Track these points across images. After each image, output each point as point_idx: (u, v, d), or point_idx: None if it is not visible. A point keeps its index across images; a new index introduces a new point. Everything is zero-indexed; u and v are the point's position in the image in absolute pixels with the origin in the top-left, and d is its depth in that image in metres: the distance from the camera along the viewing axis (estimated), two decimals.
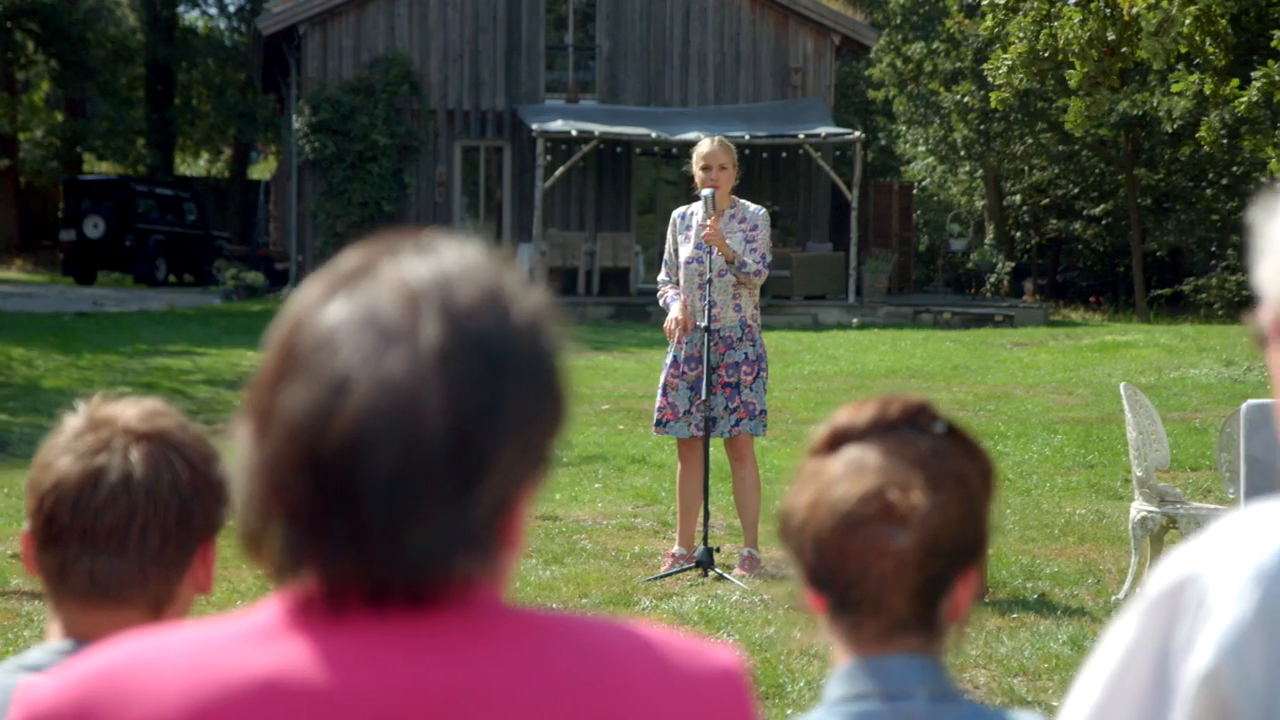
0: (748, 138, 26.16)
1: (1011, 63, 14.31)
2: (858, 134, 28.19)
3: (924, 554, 1.89)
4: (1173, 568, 1.62)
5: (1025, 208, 37.20)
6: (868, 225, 29.91)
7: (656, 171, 31.03)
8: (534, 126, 27.48)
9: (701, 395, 8.01)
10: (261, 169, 52.60)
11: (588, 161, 28.80)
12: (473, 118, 29.75)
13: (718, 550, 8.25)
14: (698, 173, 8.22)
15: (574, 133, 27.25)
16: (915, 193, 35.15)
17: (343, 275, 1.30)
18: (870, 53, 33.95)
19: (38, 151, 44.81)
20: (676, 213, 8.45)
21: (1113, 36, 13.04)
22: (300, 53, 29.60)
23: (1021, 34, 14.02)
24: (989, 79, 15.99)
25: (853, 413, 1.99)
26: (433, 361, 1.23)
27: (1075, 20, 13.15)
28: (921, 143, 36.85)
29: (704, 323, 8.06)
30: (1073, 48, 13.31)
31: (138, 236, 35.37)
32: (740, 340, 8.17)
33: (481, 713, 1.25)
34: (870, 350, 21.46)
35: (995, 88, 15.63)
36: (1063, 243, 38.24)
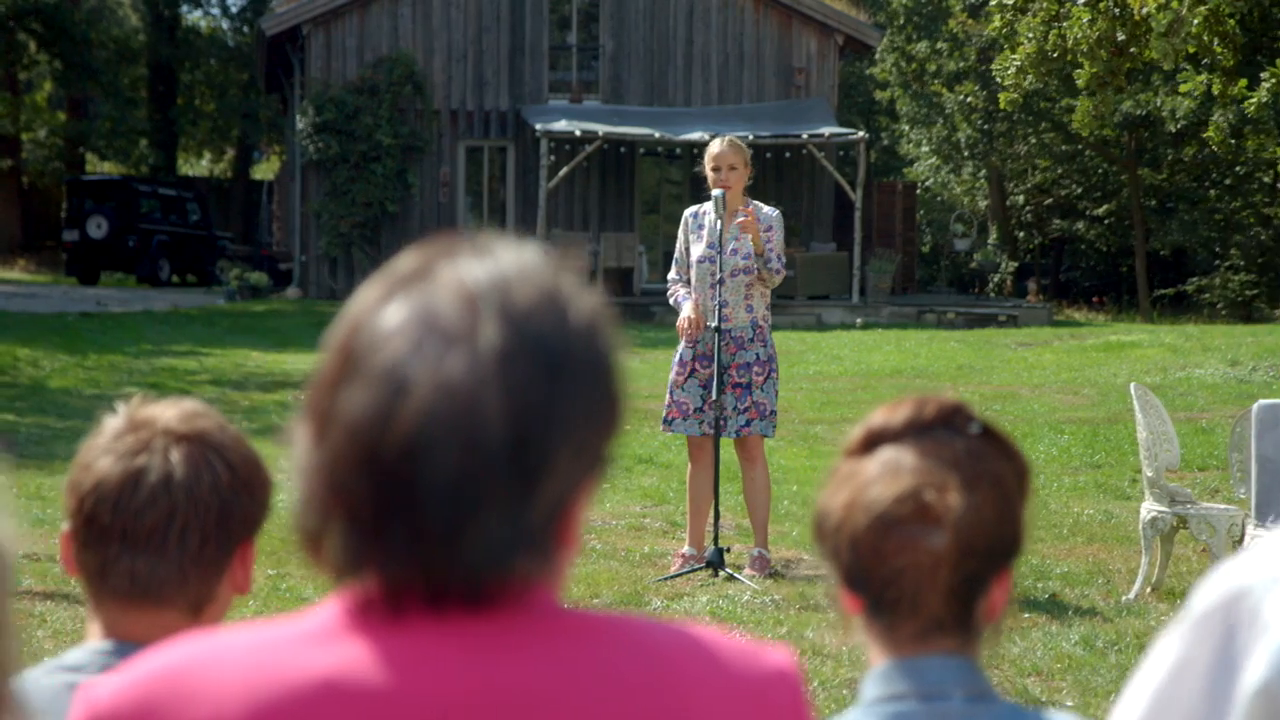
0: (751, 138, 26.16)
1: (1020, 63, 14.31)
2: (861, 134, 28.18)
3: (960, 555, 1.90)
4: (1222, 583, 1.62)
5: (1028, 208, 37.20)
6: (871, 225, 29.91)
7: (660, 172, 31.04)
8: (538, 126, 27.49)
9: (713, 395, 8.02)
10: (264, 169, 52.60)
11: (591, 161, 28.81)
12: (476, 118, 29.76)
13: (728, 550, 8.26)
14: (708, 173, 8.21)
15: (578, 133, 27.26)
16: (919, 193, 35.14)
17: (400, 277, 1.30)
18: (874, 53, 33.95)
19: (40, 152, 44.80)
20: (688, 212, 8.45)
21: (1122, 37, 13.03)
22: (304, 53, 29.62)
23: (1030, 34, 14.00)
24: (997, 80, 15.97)
25: (888, 414, 2.00)
26: (492, 363, 1.24)
27: (1084, 20, 13.13)
28: (925, 143, 36.84)
29: (714, 322, 8.06)
30: (1081, 48, 13.29)
31: (141, 237, 35.36)
32: (752, 341, 8.18)
33: (540, 713, 1.26)
34: (875, 350, 21.45)
35: (999, 87, 15.62)
36: (1065, 243, 38.23)
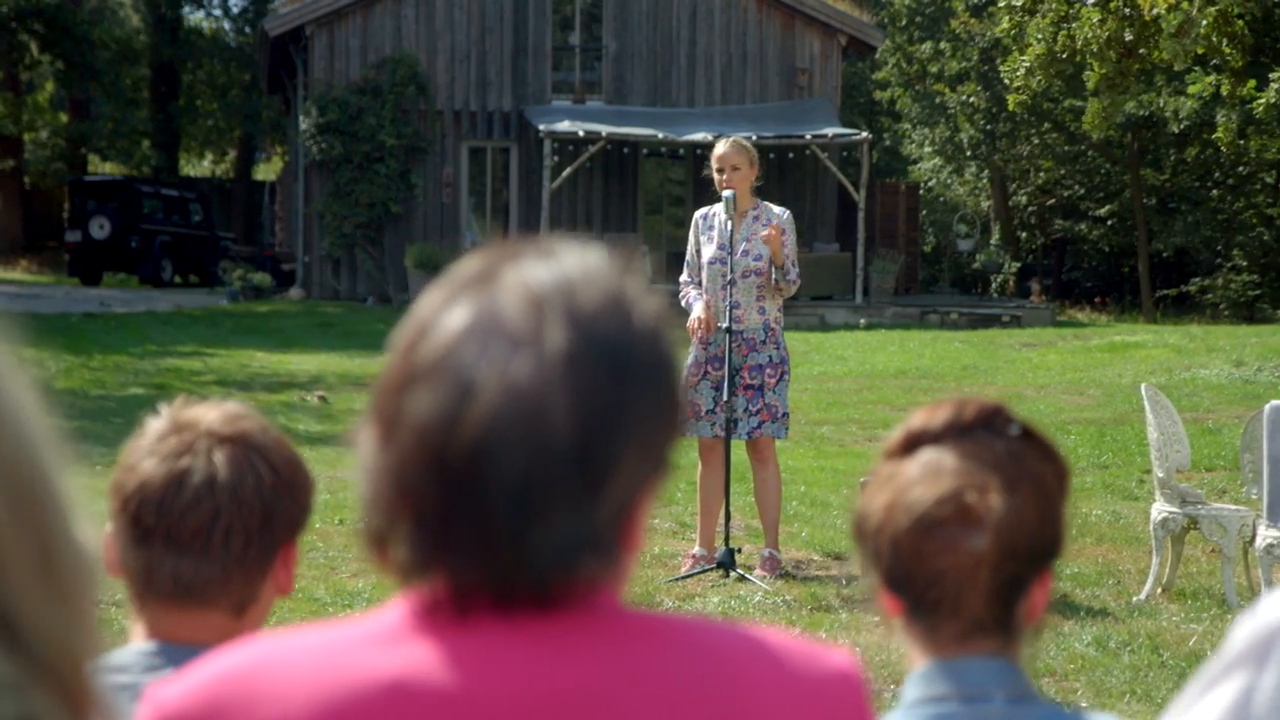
0: (755, 138, 26.13)
1: (1029, 64, 14.32)
2: (865, 134, 28.19)
3: (1001, 556, 1.90)
4: (1266, 615, 1.62)
5: (1031, 208, 37.20)
6: (874, 226, 29.92)
7: (663, 172, 31.04)
8: (541, 127, 27.50)
9: (724, 396, 8.03)
10: (265, 170, 52.62)
11: (594, 162, 28.82)
12: (479, 118, 29.77)
13: (738, 551, 8.26)
14: (714, 174, 8.22)
15: (581, 133, 27.27)
16: (921, 193, 35.15)
17: (465, 280, 1.31)
18: (876, 53, 33.96)
19: (42, 152, 44.81)
20: (698, 214, 8.45)
21: (1131, 37, 13.04)
22: (307, 54, 29.62)
23: (1039, 35, 14.01)
24: (1005, 81, 15.99)
25: (927, 416, 2.00)
26: (558, 366, 1.24)
27: (1094, 21, 13.14)
28: (927, 143, 36.85)
29: (726, 323, 8.06)
30: (1091, 48, 13.31)
31: (143, 237, 35.37)
32: (764, 343, 8.18)
33: (606, 714, 1.26)
34: (879, 351, 21.46)
35: (1002, 88, 15.61)
36: (1067, 243, 38.23)
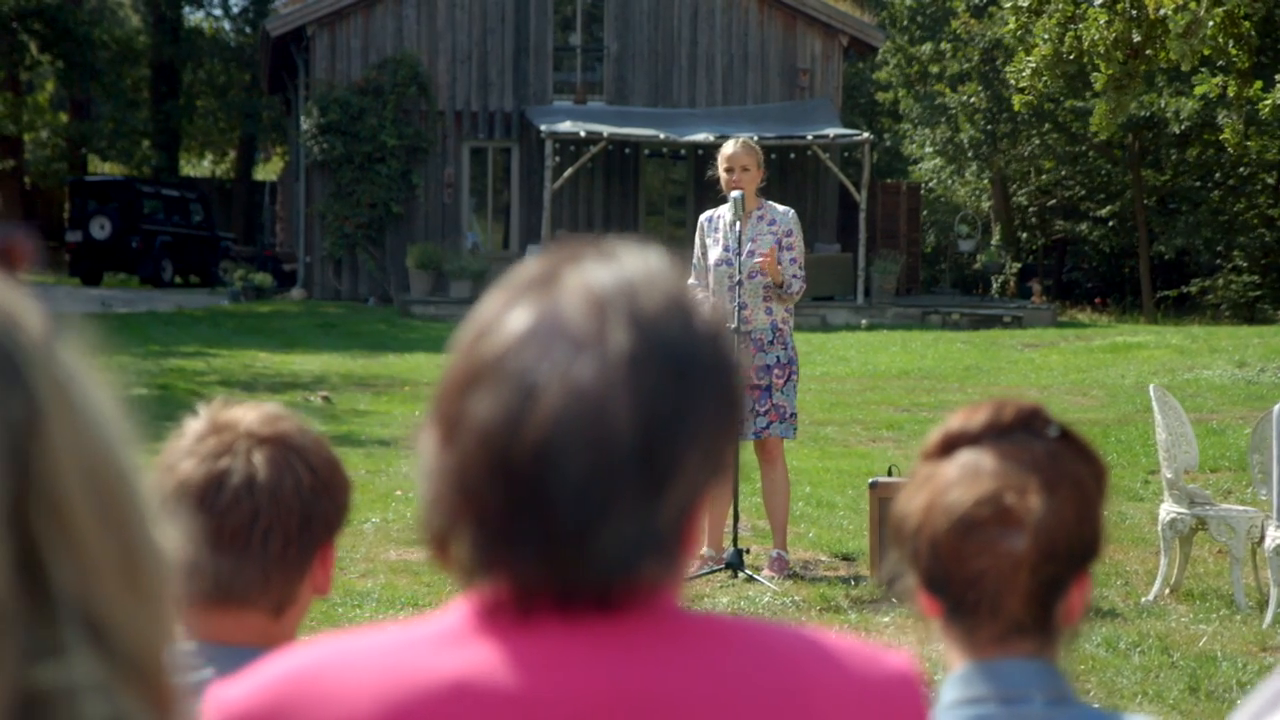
0: (756, 139, 26.13)
1: (1035, 65, 14.32)
2: (867, 135, 28.20)
3: (1040, 557, 1.90)
4: None
5: (1031, 209, 37.22)
6: (875, 226, 29.93)
7: (665, 173, 31.05)
8: (542, 127, 27.51)
9: None
10: (265, 170, 52.62)
11: (596, 163, 28.83)
12: (481, 119, 29.77)
13: (747, 551, 8.26)
14: (721, 174, 8.22)
15: (582, 134, 27.27)
16: (922, 194, 35.17)
17: (526, 283, 1.31)
18: (877, 54, 33.98)
19: (42, 153, 44.81)
20: (703, 216, 8.46)
21: (1138, 38, 13.05)
22: (308, 54, 29.63)
23: (1045, 36, 14.00)
24: (1011, 82, 16.01)
25: (966, 417, 2.01)
26: (621, 368, 1.25)
27: (1100, 22, 13.14)
28: (928, 144, 36.86)
29: (734, 325, 8.07)
30: (1098, 49, 13.31)
31: (144, 238, 35.36)
32: (772, 343, 8.18)
33: (668, 715, 1.27)
34: (881, 351, 21.47)
35: (1004, 88, 15.58)
36: (1068, 244, 38.25)
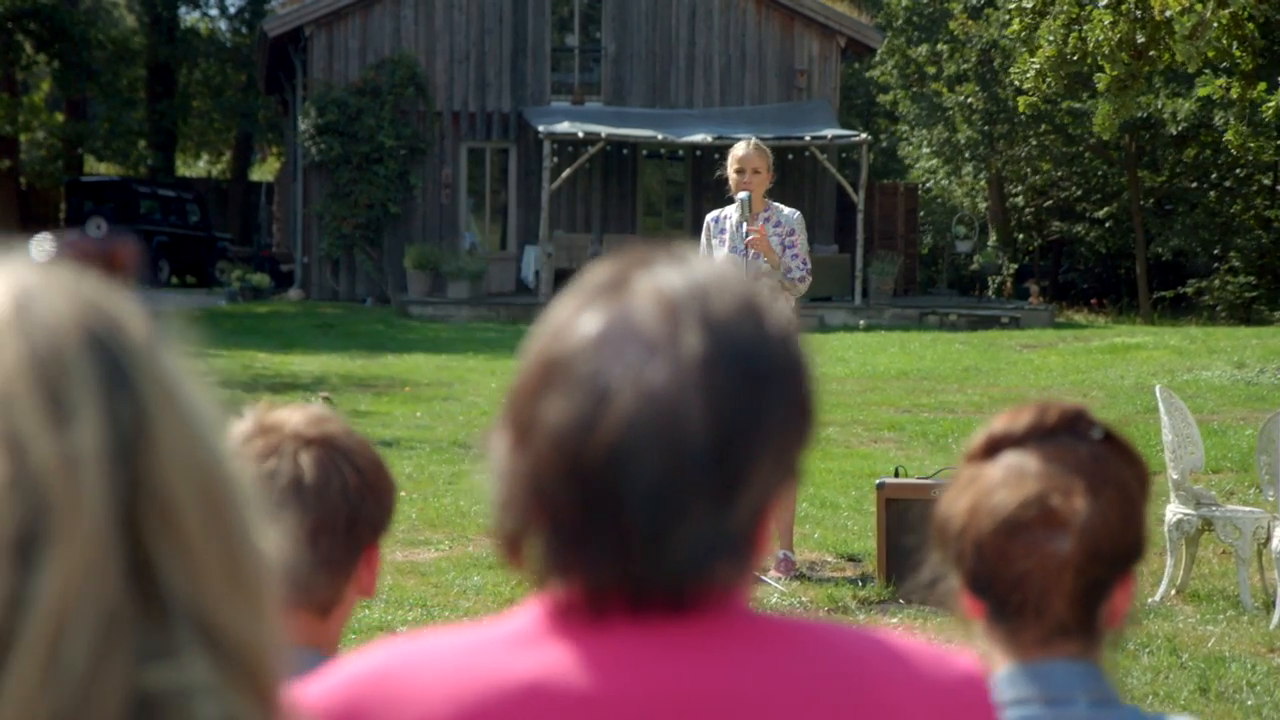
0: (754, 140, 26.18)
1: (1039, 67, 14.34)
2: (864, 136, 28.21)
3: (1085, 559, 1.91)
4: None
5: (1028, 209, 37.24)
6: (873, 227, 29.94)
7: (662, 173, 31.06)
8: (540, 128, 27.51)
9: None
10: (261, 170, 52.58)
11: (593, 163, 28.82)
12: (478, 119, 29.77)
13: None
14: (731, 175, 8.24)
15: (580, 134, 27.28)
16: (920, 194, 35.19)
17: (597, 287, 1.32)
18: (874, 54, 34.00)
19: (38, 153, 44.76)
20: (710, 216, 8.47)
21: (1142, 39, 13.06)
22: (306, 54, 29.62)
23: (1050, 37, 14.02)
24: (1017, 83, 16.03)
25: (1010, 419, 2.02)
26: (694, 371, 1.25)
27: (1105, 23, 13.16)
28: (925, 144, 36.88)
29: None
30: (1103, 50, 13.32)
31: (140, 238, 35.35)
32: None
33: (741, 716, 1.27)
34: (879, 352, 21.48)
35: (1001, 88, 15.58)
36: (1064, 244, 38.28)
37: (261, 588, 0.98)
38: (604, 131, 27.46)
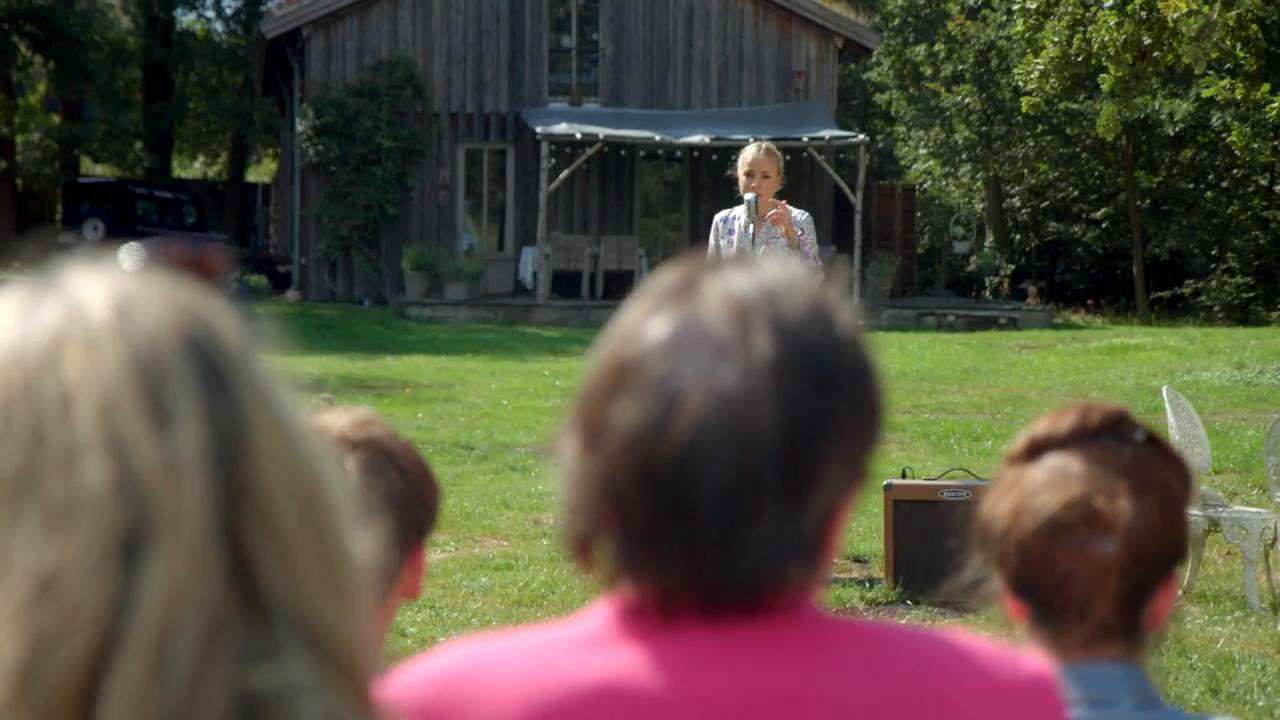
0: (752, 141, 26.19)
1: (1043, 67, 14.35)
2: (862, 137, 28.23)
3: (1129, 561, 1.92)
4: None
5: (1025, 210, 37.27)
6: (870, 228, 29.96)
7: (660, 174, 31.08)
8: (538, 129, 27.51)
9: None
10: (258, 171, 52.56)
11: (591, 164, 28.82)
12: (476, 121, 29.77)
13: None
14: (741, 177, 8.25)
15: (578, 135, 27.28)
16: (918, 195, 35.22)
17: (666, 291, 1.33)
18: (873, 55, 34.02)
19: (34, 154, 44.73)
20: (718, 216, 8.48)
21: (1148, 41, 13.06)
22: (303, 56, 29.61)
23: (1055, 38, 14.01)
24: (1020, 84, 16.04)
25: (1052, 422, 2.02)
26: (765, 374, 1.26)
27: (1110, 24, 13.16)
28: (922, 145, 36.91)
29: None
30: (1108, 51, 13.32)
31: (137, 239, 35.34)
32: None
33: (813, 718, 1.28)
34: (878, 353, 21.48)
35: (1002, 90, 15.55)
36: (1060, 245, 38.30)
37: (355, 588, 0.99)
38: (601, 133, 27.46)
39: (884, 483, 7.98)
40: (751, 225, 8.15)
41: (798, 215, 8.32)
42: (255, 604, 0.94)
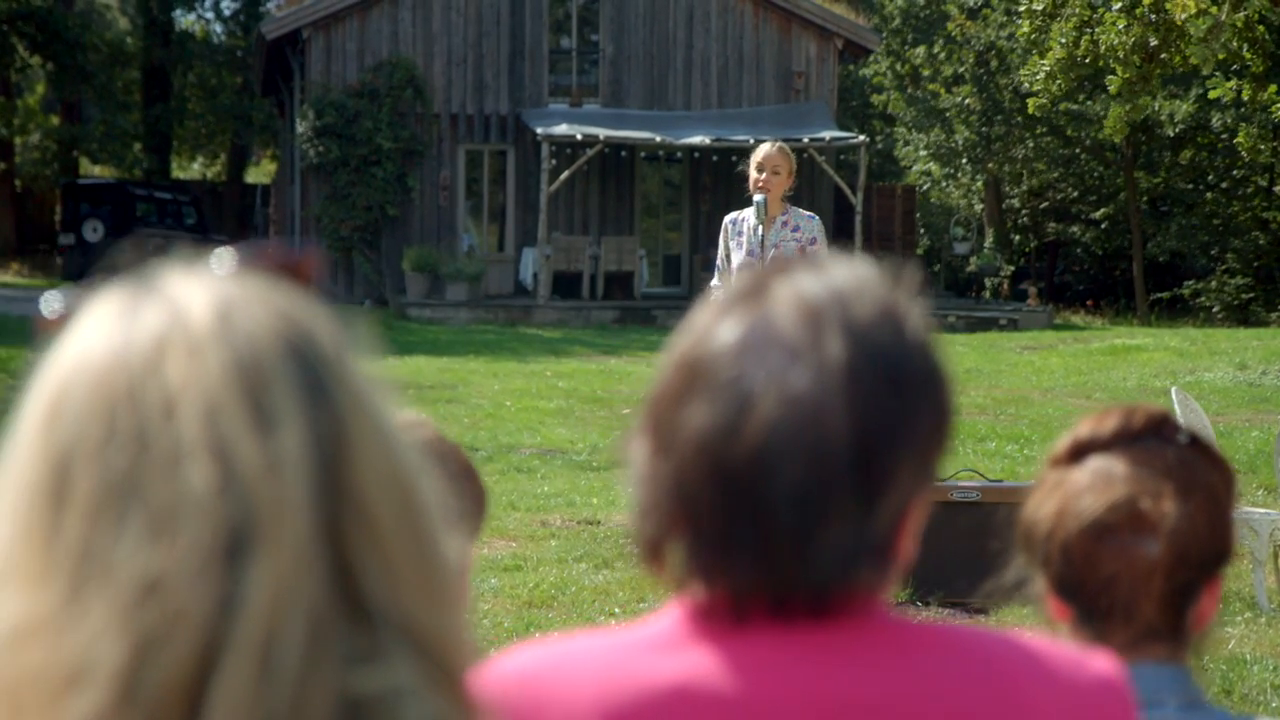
0: (752, 141, 26.19)
1: (1049, 69, 14.36)
2: (863, 138, 28.23)
3: (1174, 563, 1.92)
4: None
5: (1024, 211, 37.28)
6: (871, 229, 29.97)
7: (660, 175, 31.08)
8: (538, 130, 27.51)
9: None
10: (257, 173, 52.55)
11: (591, 165, 28.82)
12: (476, 121, 29.77)
13: None
14: (751, 172, 8.25)
15: (578, 136, 27.27)
16: (918, 196, 35.22)
17: (736, 295, 1.33)
18: (872, 56, 34.03)
19: (33, 155, 44.71)
20: (728, 218, 8.47)
21: (1155, 42, 13.07)
22: (304, 57, 29.60)
23: (1062, 39, 14.03)
24: (1026, 85, 16.06)
25: (1095, 424, 2.02)
26: (837, 377, 1.26)
27: (1119, 26, 13.17)
28: (922, 146, 36.91)
29: None
30: (1115, 53, 13.33)
31: (136, 239, 35.33)
32: None
33: None
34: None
35: (1002, 91, 15.58)
36: (1060, 246, 38.31)
37: (451, 590, 1.00)
38: (602, 133, 27.46)
39: None
40: (760, 227, 8.15)
41: (807, 217, 8.32)
42: (357, 607, 0.94)
